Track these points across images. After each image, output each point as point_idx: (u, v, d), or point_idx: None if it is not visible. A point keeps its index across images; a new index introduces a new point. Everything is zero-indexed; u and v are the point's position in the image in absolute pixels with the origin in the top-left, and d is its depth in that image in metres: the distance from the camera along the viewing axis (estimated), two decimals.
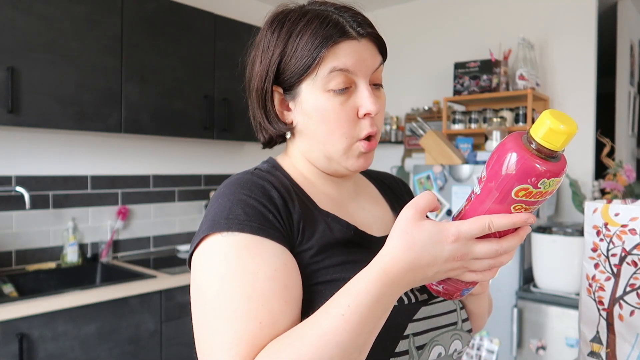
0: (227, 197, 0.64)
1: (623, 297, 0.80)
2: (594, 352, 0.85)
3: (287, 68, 0.68)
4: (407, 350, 0.63)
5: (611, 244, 0.82)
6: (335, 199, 0.75)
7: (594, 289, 0.85)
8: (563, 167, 0.53)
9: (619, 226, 0.81)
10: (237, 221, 0.61)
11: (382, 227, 0.77)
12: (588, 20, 2.67)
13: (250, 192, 0.64)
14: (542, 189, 0.51)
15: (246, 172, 0.69)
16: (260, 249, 0.59)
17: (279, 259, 0.60)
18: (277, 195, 0.65)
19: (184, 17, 2.52)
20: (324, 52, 0.65)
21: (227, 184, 0.67)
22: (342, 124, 0.68)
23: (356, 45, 0.67)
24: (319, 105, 0.68)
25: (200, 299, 0.59)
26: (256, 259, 0.59)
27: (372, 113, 0.67)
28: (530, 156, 0.51)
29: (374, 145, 0.71)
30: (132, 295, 2.02)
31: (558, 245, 2.14)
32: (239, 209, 0.62)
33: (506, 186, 0.52)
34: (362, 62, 0.67)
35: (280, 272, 0.59)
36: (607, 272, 0.83)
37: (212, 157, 3.10)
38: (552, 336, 2.14)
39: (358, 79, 0.68)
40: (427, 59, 3.28)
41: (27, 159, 2.31)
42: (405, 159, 3.32)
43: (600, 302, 0.83)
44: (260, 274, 0.58)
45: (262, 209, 0.62)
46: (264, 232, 0.61)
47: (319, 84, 0.67)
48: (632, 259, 0.79)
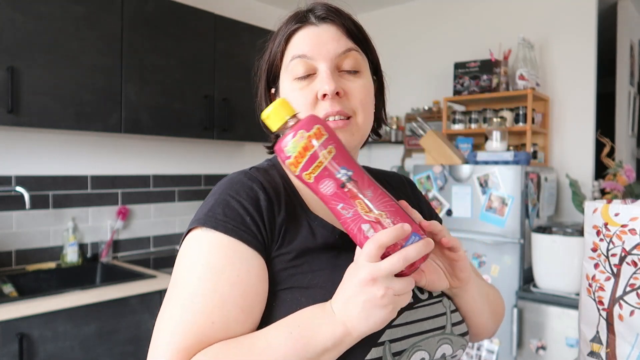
0: (214, 196, 0.67)
1: (623, 297, 0.80)
2: (594, 352, 0.85)
3: (270, 68, 0.74)
4: (381, 357, 0.61)
5: (611, 244, 0.82)
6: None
7: (594, 289, 0.85)
8: (301, 126, 0.57)
9: (619, 226, 0.81)
10: (214, 219, 0.63)
11: None
12: (588, 20, 2.67)
13: (236, 193, 0.66)
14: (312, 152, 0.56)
15: (242, 171, 0.71)
16: (229, 251, 0.61)
17: (245, 265, 0.61)
18: (264, 197, 0.66)
19: (184, 17, 2.52)
20: (283, 42, 0.70)
21: (221, 183, 0.69)
22: (302, 108, 0.68)
23: (314, 30, 0.69)
24: (287, 94, 0.70)
25: (171, 284, 0.64)
26: (223, 260, 0.61)
27: (327, 92, 0.66)
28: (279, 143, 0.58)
29: (341, 124, 0.68)
30: (132, 295, 2.02)
31: (558, 245, 2.14)
32: (220, 209, 0.64)
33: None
34: (320, 46, 0.68)
35: (243, 278, 0.60)
36: (607, 272, 0.83)
37: (212, 157, 3.10)
38: (552, 336, 2.14)
39: (318, 63, 0.68)
40: (427, 59, 3.28)
41: (27, 159, 2.31)
42: (405, 159, 3.32)
43: (600, 302, 0.83)
44: (223, 276, 0.60)
45: (242, 211, 0.64)
46: (236, 234, 0.62)
47: (286, 74, 0.70)
48: (632, 259, 0.79)
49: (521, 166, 2.30)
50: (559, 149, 2.77)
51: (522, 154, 2.37)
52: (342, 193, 0.56)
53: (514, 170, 2.30)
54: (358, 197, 0.56)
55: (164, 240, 2.84)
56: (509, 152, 2.40)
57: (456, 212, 2.46)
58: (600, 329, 0.83)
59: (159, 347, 0.59)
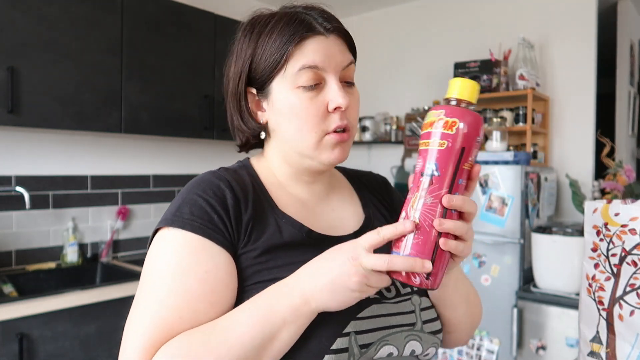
0: (182, 195, 0.68)
1: (623, 297, 0.80)
2: (594, 352, 0.85)
3: (258, 67, 0.70)
4: (347, 348, 0.63)
5: (611, 244, 0.82)
6: (302, 201, 0.76)
7: (594, 289, 0.85)
8: (450, 110, 0.58)
9: (619, 226, 0.81)
10: (182, 219, 0.64)
11: (347, 227, 0.77)
12: (588, 20, 2.67)
13: (203, 191, 0.67)
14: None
15: (210, 171, 0.72)
16: (197, 249, 0.63)
17: (212, 261, 0.63)
18: (231, 196, 0.67)
19: (184, 17, 2.52)
20: (291, 48, 0.67)
21: (189, 183, 0.70)
22: (310, 119, 0.68)
23: (324, 41, 0.68)
24: (288, 101, 0.69)
25: (139, 285, 0.65)
26: (190, 257, 0.62)
27: (342, 106, 0.68)
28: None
29: (346, 138, 0.70)
30: (132, 295, 2.01)
31: (558, 245, 2.14)
32: (187, 208, 0.65)
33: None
34: (330, 58, 0.68)
35: (211, 274, 0.62)
36: (607, 272, 0.83)
37: (212, 157, 3.10)
38: (552, 336, 2.14)
39: (327, 75, 0.69)
40: (427, 59, 3.28)
41: (27, 159, 2.31)
42: (405, 159, 3.32)
43: (600, 302, 0.83)
44: (191, 273, 0.61)
45: (209, 209, 0.65)
46: (203, 232, 0.63)
47: (288, 80, 0.68)
48: (632, 259, 0.79)
49: (521, 166, 2.30)
50: (559, 149, 2.77)
51: (522, 154, 2.37)
52: (417, 178, 0.58)
53: (514, 170, 2.30)
54: (418, 193, 0.58)
55: None
56: (509, 152, 2.40)
57: None
58: (600, 329, 0.83)
59: (126, 348, 0.61)
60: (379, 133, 3.37)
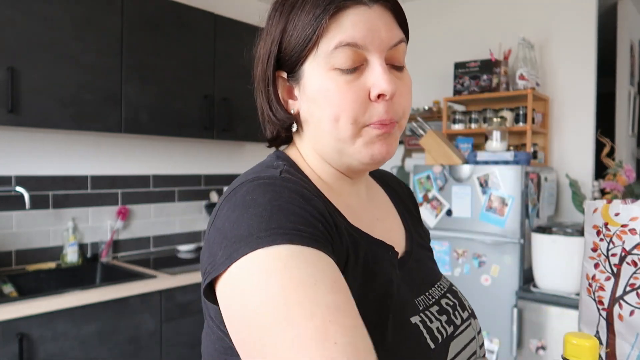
0: (261, 206, 0.49)
1: (623, 297, 0.80)
2: None
3: (289, 46, 0.58)
4: None
5: (611, 243, 0.82)
6: (351, 206, 0.63)
7: (594, 289, 0.85)
8: None
9: (619, 226, 0.81)
10: (282, 231, 0.47)
11: (396, 241, 0.66)
12: (588, 20, 2.67)
13: (290, 199, 0.51)
14: None
15: (273, 176, 0.55)
16: (313, 260, 0.46)
17: (335, 271, 0.47)
18: (322, 207, 0.53)
19: (184, 17, 2.52)
20: (325, 21, 0.54)
21: (254, 190, 0.52)
22: (347, 107, 0.55)
23: (366, 12, 0.55)
24: (322, 86, 0.56)
25: (249, 332, 0.44)
26: (310, 270, 0.45)
27: (386, 94, 0.55)
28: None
29: (390, 129, 0.58)
30: (132, 295, 2.02)
31: (558, 245, 2.14)
32: (282, 217, 0.48)
33: None
34: (374, 34, 0.55)
35: (339, 283, 0.46)
36: (607, 272, 0.83)
37: (212, 157, 3.10)
38: (552, 336, 2.14)
39: (370, 55, 0.56)
40: (427, 59, 3.28)
41: (27, 159, 2.31)
42: (405, 159, 3.32)
43: (600, 302, 0.83)
44: (319, 285, 0.44)
45: (310, 218, 0.50)
46: (316, 244, 0.48)
47: (322, 61, 0.56)
48: (632, 259, 0.79)
49: (521, 166, 2.30)
50: (559, 149, 2.77)
51: (522, 154, 2.37)
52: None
53: (514, 170, 2.30)
54: None
55: (164, 240, 2.84)
56: (509, 152, 2.40)
57: (456, 212, 2.46)
58: (600, 328, 0.83)
59: None
60: None
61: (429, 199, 2.55)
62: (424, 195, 2.57)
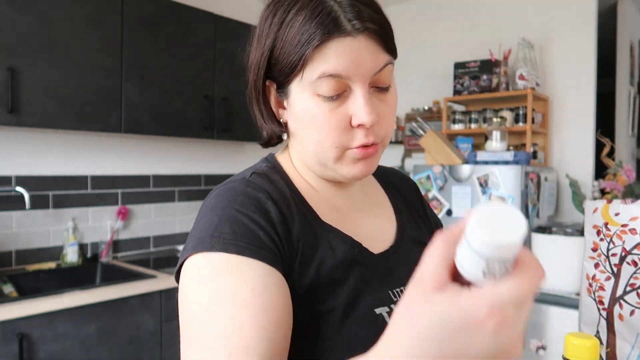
0: (216, 212, 0.58)
1: (623, 297, 0.80)
2: None
3: (277, 64, 0.60)
4: None
5: (611, 243, 0.82)
6: (337, 207, 0.68)
7: (594, 289, 0.84)
8: None
9: (619, 226, 0.81)
10: (222, 240, 0.55)
11: (385, 240, 0.70)
12: (588, 20, 2.67)
13: (242, 206, 0.57)
14: None
15: (242, 179, 0.62)
16: (243, 270, 0.53)
17: (261, 280, 0.53)
18: (275, 210, 0.59)
19: (184, 17, 2.52)
20: (309, 52, 0.56)
21: (220, 194, 0.60)
22: (331, 132, 0.59)
23: (351, 43, 0.56)
24: (307, 109, 0.59)
25: (182, 323, 0.55)
26: (236, 280, 0.53)
27: (366, 125, 0.58)
28: None
29: (371, 153, 0.62)
30: (132, 295, 2.02)
31: (558, 245, 2.14)
32: (227, 226, 0.56)
33: None
34: (358, 65, 0.57)
35: (258, 294, 0.52)
36: (607, 272, 0.83)
37: (212, 157, 3.10)
38: (552, 336, 2.14)
39: (353, 83, 0.58)
40: (427, 59, 3.28)
41: (27, 159, 2.31)
42: (405, 159, 3.32)
43: (600, 302, 0.83)
44: (236, 297, 0.52)
45: (253, 227, 0.56)
46: (250, 252, 0.54)
47: (307, 87, 0.59)
48: (632, 259, 0.79)
49: (521, 166, 2.30)
50: (559, 149, 2.77)
51: (522, 154, 2.37)
52: None
53: (514, 170, 2.30)
54: None
55: (164, 240, 2.84)
56: (509, 152, 2.40)
57: (456, 212, 2.46)
58: (601, 328, 0.83)
59: None
60: None
61: (429, 199, 2.55)
62: (424, 195, 2.57)
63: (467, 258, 0.34)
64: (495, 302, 0.32)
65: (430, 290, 0.35)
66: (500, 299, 0.32)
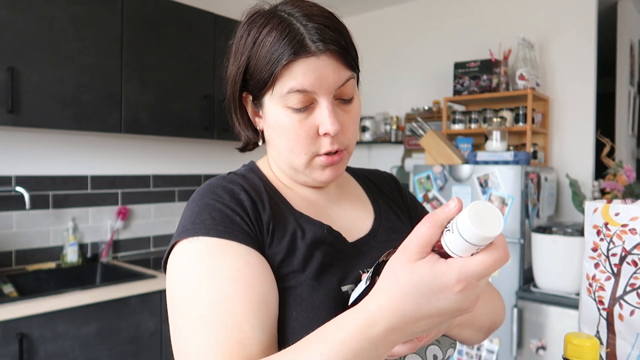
0: (196, 203, 0.65)
1: (623, 297, 0.80)
2: None
3: (251, 79, 0.68)
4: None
5: (611, 243, 0.82)
6: (313, 202, 0.74)
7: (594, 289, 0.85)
8: None
9: (619, 226, 0.81)
10: (204, 226, 0.61)
11: (361, 230, 0.75)
12: (588, 20, 2.67)
13: (218, 196, 0.65)
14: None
15: (220, 176, 0.70)
16: (225, 251, 0.60)
17: (242, 259, 0.60)
18: (246, 198, 0.66)
19: (184, 17, 2.52)
20: (278, 70, 0.63)
21: (199, 190, 0.68)
22: (301, 141, 0.66)
23: (315, 62, 0.63)
24: (279, 120, 0.67)
25: (172, 307, 0.61)
26: (220, 261, 0.59)
27: (331, 133, 0.65)
28: None
29: (337, 160, 0.69)
30: (132, 295, 2.02)
31: (558, 245, 2.14)
32: (206, 214, 0.63)
33: None
34: (322, 80, 0.64)
35: (242, 271, 0.59)
36: (607, 272, 0.83)
37: (212, 157, 3.10)
38: (552, 336, 2.14)
39: (319, 97, 0.65)
40: (427, 59, 3.28)
41: (27, 159, 2.31)
42: (405, 159, 3.32)
43: (600, 302, 0.83)
44: (223, 275, 0.58)
45: (229, 212, 0.63)
46: (229, 235, 0.61)
47: (277, 100, 0.66)
48: (633, 259, 0.79)
49: (521, 166, 2.30)
50: (559, 149, 2.77)
51: (522, 154, 2.37)
52: None
53: (514, 170, 2.30)
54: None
55: (164, 240, 2.84)
56: (509, 152, 2.40)
57: None
58: (601, 328, 0.83)
59: None
60: (379, 133, 3.37)
61: (429, 199, 2.55)
62: (424, 195, 2.57)
63: (455, 242, 0.43)
64: (462, 272, 0.44)
65: (414, 258, 0.46)
66: (466, 271, 0.43)
